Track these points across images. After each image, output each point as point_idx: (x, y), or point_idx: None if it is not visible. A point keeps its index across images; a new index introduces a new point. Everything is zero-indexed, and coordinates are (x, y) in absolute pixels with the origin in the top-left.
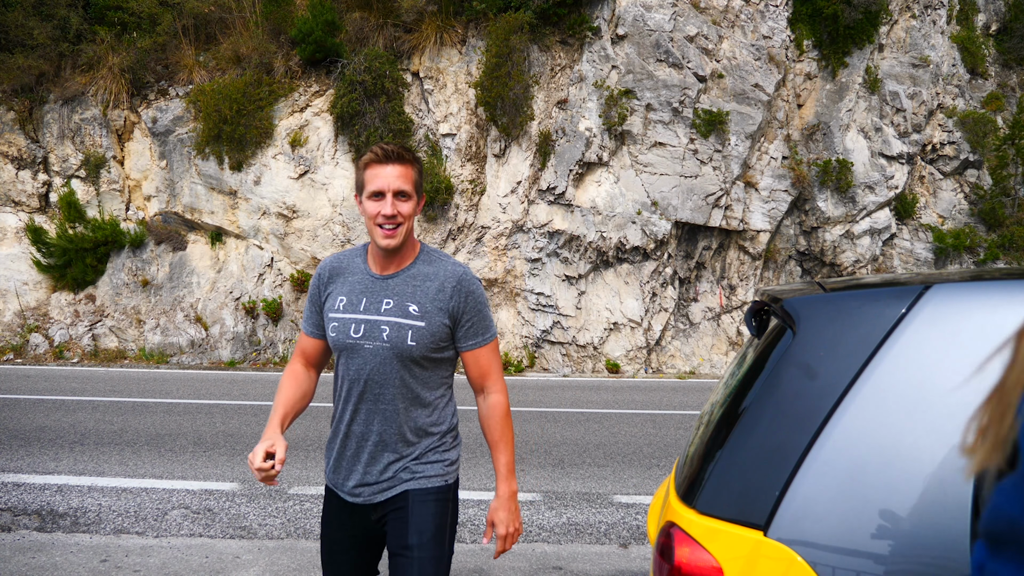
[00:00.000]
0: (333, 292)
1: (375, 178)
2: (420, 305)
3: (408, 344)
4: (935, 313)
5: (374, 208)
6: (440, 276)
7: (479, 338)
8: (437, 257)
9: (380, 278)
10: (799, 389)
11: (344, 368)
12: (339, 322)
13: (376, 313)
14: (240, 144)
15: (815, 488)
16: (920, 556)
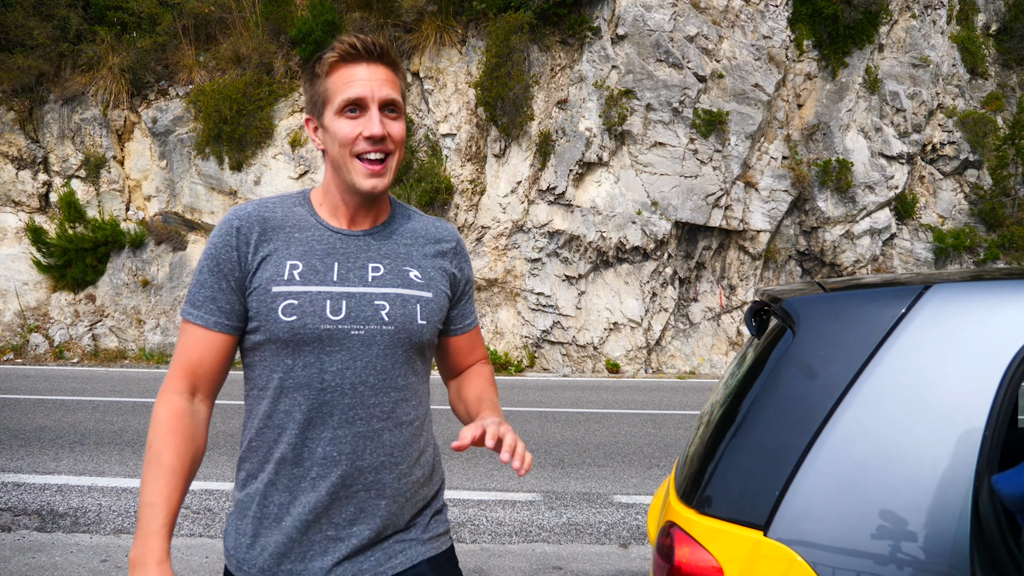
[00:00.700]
0: (273, 255)
1: (350, 82)
2: (422, 270)
3: (418, 323)
4: (935, 313)
5: (350, 129)
6: (433, 233)
7: (473, 315)
8: (413, 211)
9: (354, 235)
10: (799, 389)
11: (300, 373)
12: (299, 299)
13: (362, 283)
14: (240, 144)
15: (815, 488)
16: (920, 556)
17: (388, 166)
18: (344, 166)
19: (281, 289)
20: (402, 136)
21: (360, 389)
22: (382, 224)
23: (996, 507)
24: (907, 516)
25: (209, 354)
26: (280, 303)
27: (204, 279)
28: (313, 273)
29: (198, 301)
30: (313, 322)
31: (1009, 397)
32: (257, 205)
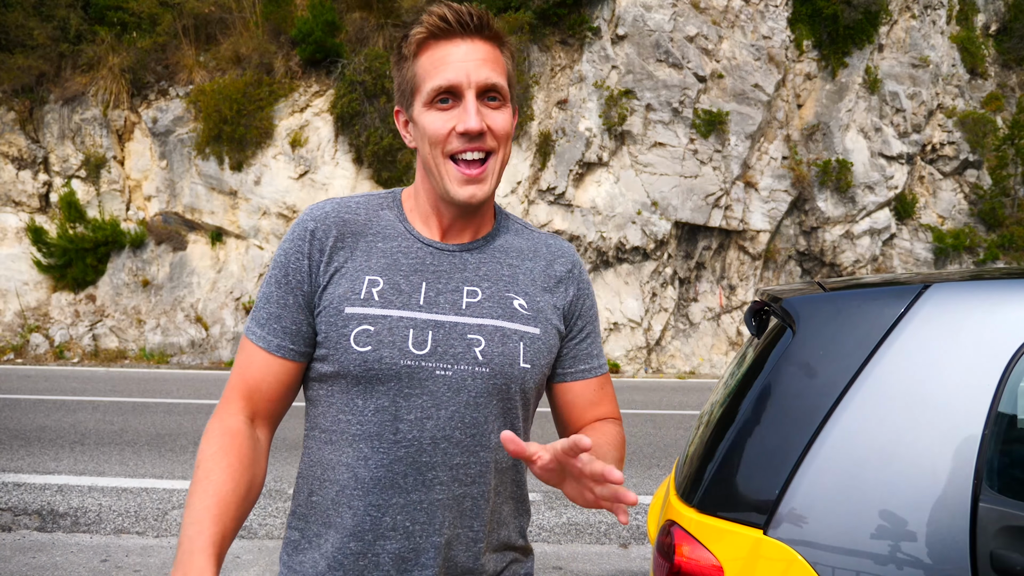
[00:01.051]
0: (349, 267)
1: (441, 65)
2: (529, 298)
3: (520, 366)
4: (934, 312)
5: (441, 123)
6: (545, 253)
7: (599, 359)
8: (522, 224)
9: (448, 250)
10: (799, 388)
11: (371, 419)
12: (376, 324)
13: (454, 310)
14: (240, 144)
15: (815, 487)
16: (920, 555)
17: (489, 169)
18: (435, 169)
19: (356, 311)
20: (507, 129)
21: (443, 445)
22: (483, 238)
23: (996, 507)
24: (907, 515)
25: (269, 380)
26: (353, 328)
27: (270, 292)
28: (396, 293)
29: (262, 319)
30: (391, 355)
31: (1008, 396)
32: (337, 204)
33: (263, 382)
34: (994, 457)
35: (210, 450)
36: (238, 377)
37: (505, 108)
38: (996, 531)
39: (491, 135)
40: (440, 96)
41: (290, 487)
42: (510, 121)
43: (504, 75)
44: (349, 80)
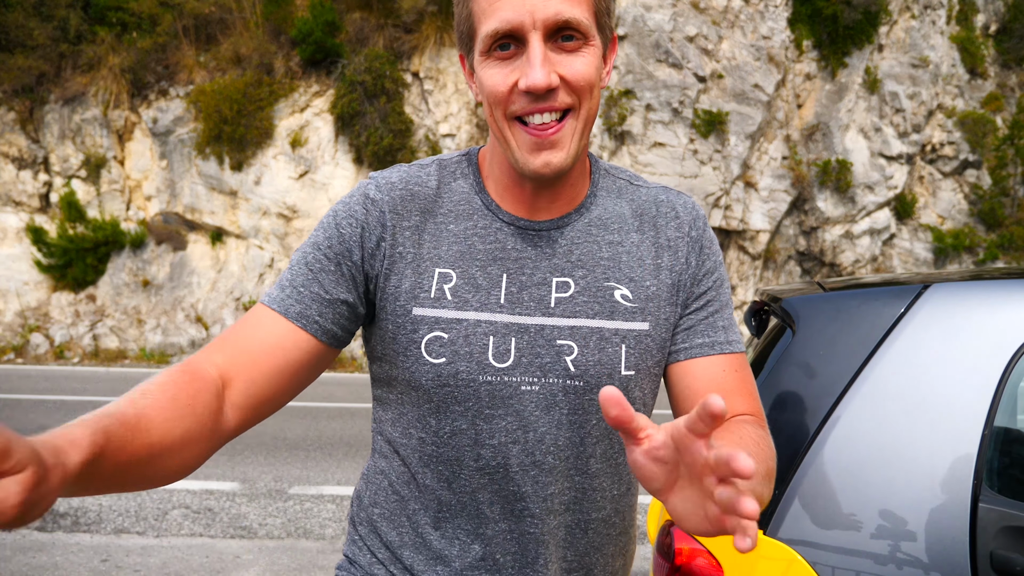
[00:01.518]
0: (415, 254)
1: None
2: (636, 284)
3: (622, 375)
4: (934, 312)
5: (501, 78)
6: (653, 215)
7: (727, 333)
8: (627, 179)
9: (535, 228)
10: (799, 388)
11: (448, 442)
12: (451, 331)
13: (541, 310)
14: (240, 144)
15: (815, 487)
16: (919, 555)
17: (567, 130)
18: (500, 135)
19: (426, 312)
20: (589, 78)
21: (532, 472)
22: (577, 209)
23: (996, 507)
24: (907, 515)
25: (270, 350)
26: (424, 335)
27: (306, 255)
28: (473, 290)
29: (285, 282)
30: (468, 369)
31: (1008, 396)
32: (405, 174)
33: (261, 350)
34: (994, 457)
35: (153, 380)
36: (229, 332)
37: (588, 49)
38: (996, 531)
39: (566, 88)
40: (499, 42)
41: (290, 487)
42: (594, 66)
43: (587, 4)
44: (349, 80)
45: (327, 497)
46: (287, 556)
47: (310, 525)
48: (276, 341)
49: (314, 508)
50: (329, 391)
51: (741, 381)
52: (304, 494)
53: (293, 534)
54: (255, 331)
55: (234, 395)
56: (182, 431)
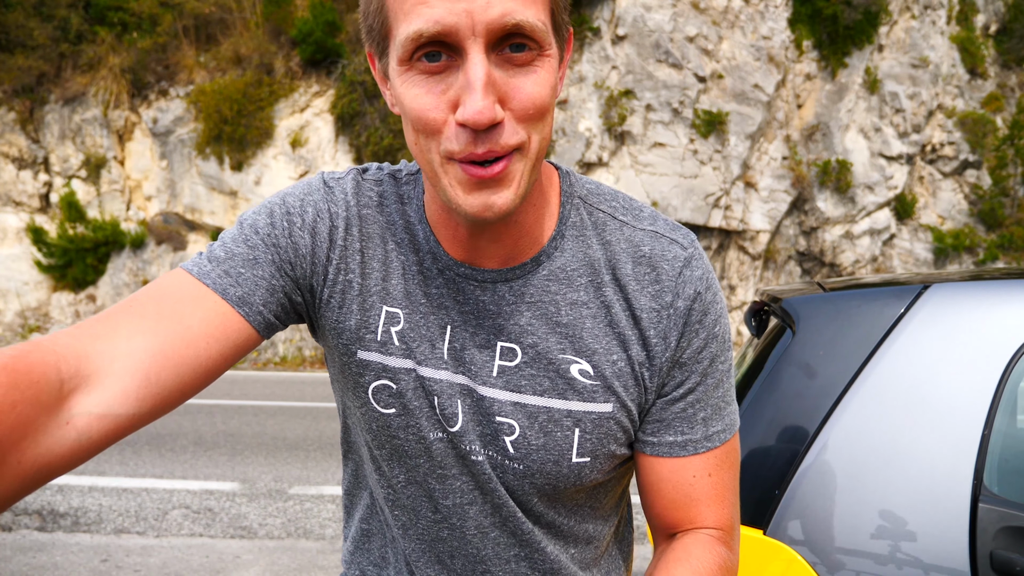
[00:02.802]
0: (362, 285)
1: None
2: (598, 357)
3: (571, 462)
4: (934, 313)
5: (432, 102)
6: (633, 270)
7: (705, 428)
8: (607, 212)
9: (478, 279)
10: (799, 389)
11: (404, 492)
12: (399, 381)
13: (483, 376)
14: (241, 144)
15: (815, 487)
16: (919, 556)
17: (512, 167)
18: (428, 169)
19: (371, 358)
20: (542, 102)
21: (493, 534)
22: (536, 257)
23: (996, 507)
24: (907, 515)
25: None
26: (370, 381)
27: (248, 238)
28: (419, 339)
29: (219, 256)
30: (419, 427)
31: (1008, 396)
32: (358, 185)
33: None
34: (994, 457)
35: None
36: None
37: (542, 62)
38: (996, 531)
39: (514, 121)
40: (424, 50)
41: (290, 487)
42: (550, 84)
43: (542, 8)
44: (349, 80)
45: (327, 497)
46: (287, 556)
47: (310, 525)
48: (199, 315)
49: (314, 508)
50: (329, 391)
51: (714, 487)
52: (304, 494)
53: (293, 534)
54: (167, 289)
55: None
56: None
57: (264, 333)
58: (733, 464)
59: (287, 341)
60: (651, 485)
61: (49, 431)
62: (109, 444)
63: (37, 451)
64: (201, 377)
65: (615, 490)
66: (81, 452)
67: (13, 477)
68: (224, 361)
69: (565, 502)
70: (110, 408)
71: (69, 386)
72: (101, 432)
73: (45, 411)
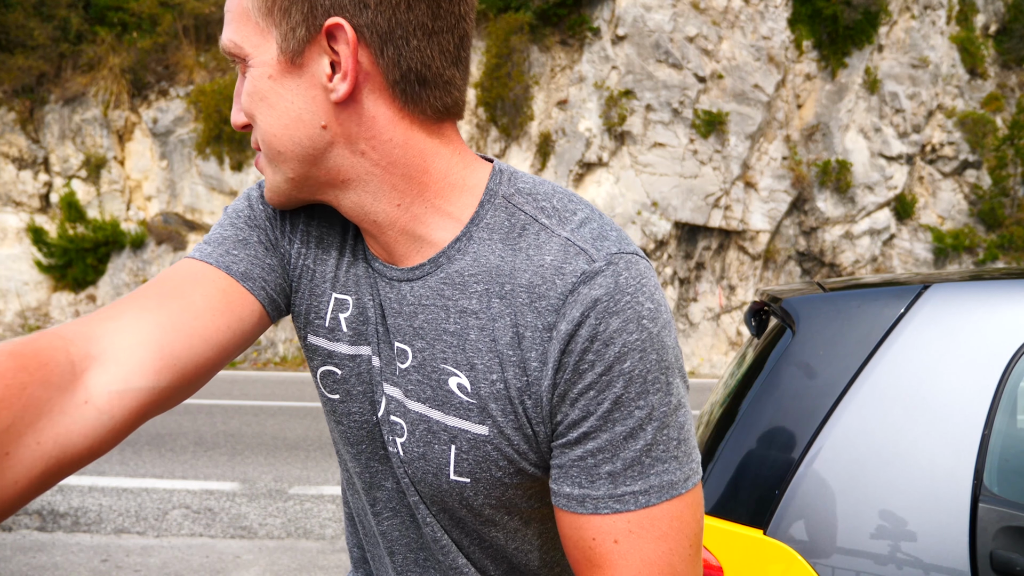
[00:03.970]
0: (315, 270)
1: None
2: (478, 375)
3: (452, 480)
4: (934, 313)
5: None
6: (530, 282)
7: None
8: (530, 215)
9: (387, 274)
10: (799, 389)
11: (359, 481)
12: (343, 366)
13: (387, 376)
14: (241, 144)
15: (815, 487)
16: (919, 556)
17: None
18: None
19: (319, 343)
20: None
21: (425, 529)
22: (435, 258)
23: (996, 507)
24: (906, 516)
25: (201, 309)
26: (318, 365)
27: (234, 221)
28: (365, 323)
29: (216, 239)
30: (361, 411)
31: (1008, 396)
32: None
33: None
34: (994, 457)
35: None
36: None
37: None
38: (996, 531)
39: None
40: None
41: (290, 487)
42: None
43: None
44: None
45: (327, 497)
46: (287, 556)
47: (310, 525)
48: (219, 301)
49: (314, 508)
50: None
51: (623, 555)
52: (304, 494)
53: (293, 534)
54: (187, 286)
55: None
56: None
57: (270, 310)
58: (665, 535)
59: (287, 341)
60: (561, 538)
61: (67, 412)
62: (136, 422)
63: (56, 431)
64: (215, 351)
65: (542, 523)
66: (107, 433)
67: (34, 460)
68: (234, 335)
69: (469, 524)
70: (128, 383)
71: (81, 366)
72: (124, 409)
73: (59, 391)
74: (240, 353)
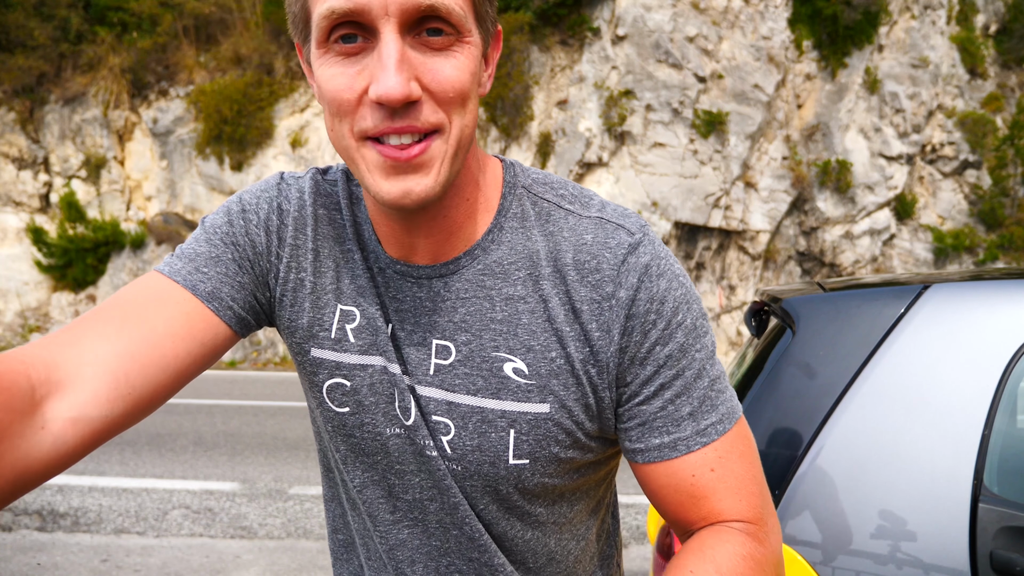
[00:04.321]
0: (315, 283)
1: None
2: (535, 355)
3: (509, 465)
4: (934, 313)
5: (346, 82)
6: (574, 260)
7: (695, 422)
8: (553, 201)
9: (413, 273)
10: (799, 388)
11: (363, 495)
12: (354, 378)
13: (421, 376)
14: (241, 144)
15: (815, 487)
16: (919, 556)
17: (432, 151)
18: (346, 154)
19: (325, 355)
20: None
21: (454, 532)
22: (470, 250)
23: (996, 507)
24: (906, 516)
25: (165, 330)
26: (324, 379)
27: (210, 236)
28: (374, 332)
29: (188, 254)
30: (375, 423)
31: (1008, 396)
32: (317, 185)
33: (156, 334)
34: (994, 457)
35: None
36: (89, 323)
37: (461, 48)
38: (996, 531)
39: (431, 102)
40: (340, 32)
41: (290, 487)
42: (470, 70)
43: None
44: None
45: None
46: (287, 556)
47: (310, 525)
48: (172, 313)
49: (314, 508)
50: None
51: (721, 480)
52: (304, 494)
53: (293, 534)
54: (140, 292)
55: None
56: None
57: (238, 329)
58: (744, 453)
59: None
60: (654, 494)
61: (25, 436)
62: (86, 450)
63: (15, 456)
64: (173, 378)
65: (582, 504)
66: (58, 458)
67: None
68: (194, 361)
69: (519, 511)
70: (83, 412)
71: (41, 392)
72: (76, 436)
73: (19, 416)
74: (200, 373)
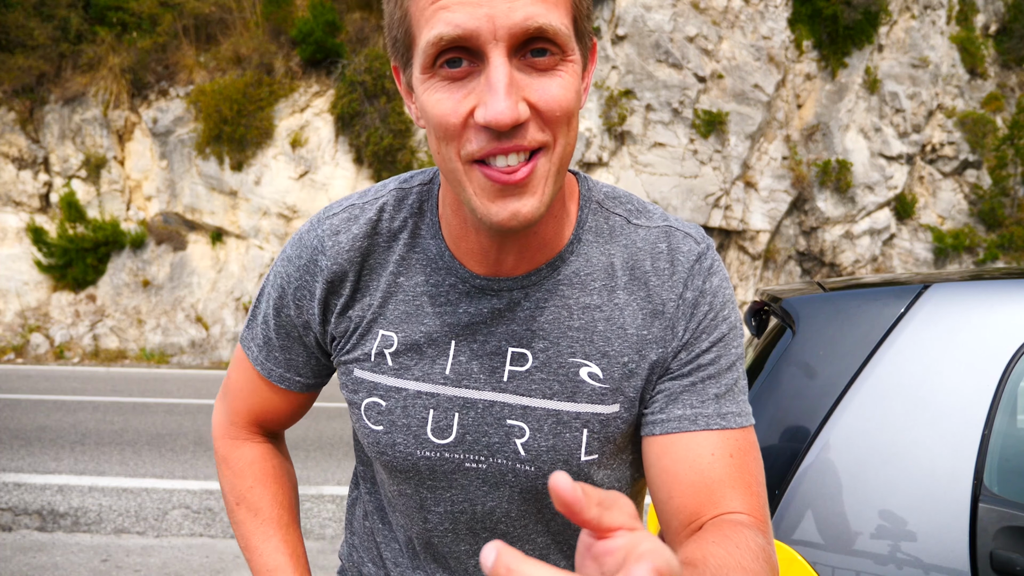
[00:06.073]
0: (362, 311)
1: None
2: (609, 361)
3: (582, 461)
4: (934, 312)
5: (452, 107)
6: (646, 269)
7: (719, 405)
8: (623, 215)
9: (494, 289)
10: (799, 388)
11: (398, 502)
12: (389, 399)
13: (493, 383)
14: (240, 144)
15: (815, 487)
16: (919, 556)
17: (538, 172)
18: (452, 177)
19: (365, 376)
20: (568, 105)
21: (484, 536)
22: (551, 262)
23: (996, 507)
24: (906, 516)
25: (277, 407)
26: (363, 397)
27: (268, 315)
28: (416, 357)
29: (260, 338)
30: (406, 443)
31: (1008, 396)
32: (356, 218)
33: (271, 411)
34: (994, 457)
35: (245, 483)
36: (243, 402)
37: (566, 67)
38: (996, 531)
39: (538, 121)
40: (446, 56)
41: None
42: (574, 89)
43: (564, 5)
44: (349, 80)
45: (327, 497)
46: None
47: (310, 525)
48: (277, 400)
49: (314, 508)
50: (330, 391)
51: (738, 469)
52: (304, 494)
53: None
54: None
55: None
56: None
57: (313, 389)
58: (756, 457)
59: None
60: (663, 471)
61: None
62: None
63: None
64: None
65: (626, 491)
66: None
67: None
68: (306, 404)
69: None
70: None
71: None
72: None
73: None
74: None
